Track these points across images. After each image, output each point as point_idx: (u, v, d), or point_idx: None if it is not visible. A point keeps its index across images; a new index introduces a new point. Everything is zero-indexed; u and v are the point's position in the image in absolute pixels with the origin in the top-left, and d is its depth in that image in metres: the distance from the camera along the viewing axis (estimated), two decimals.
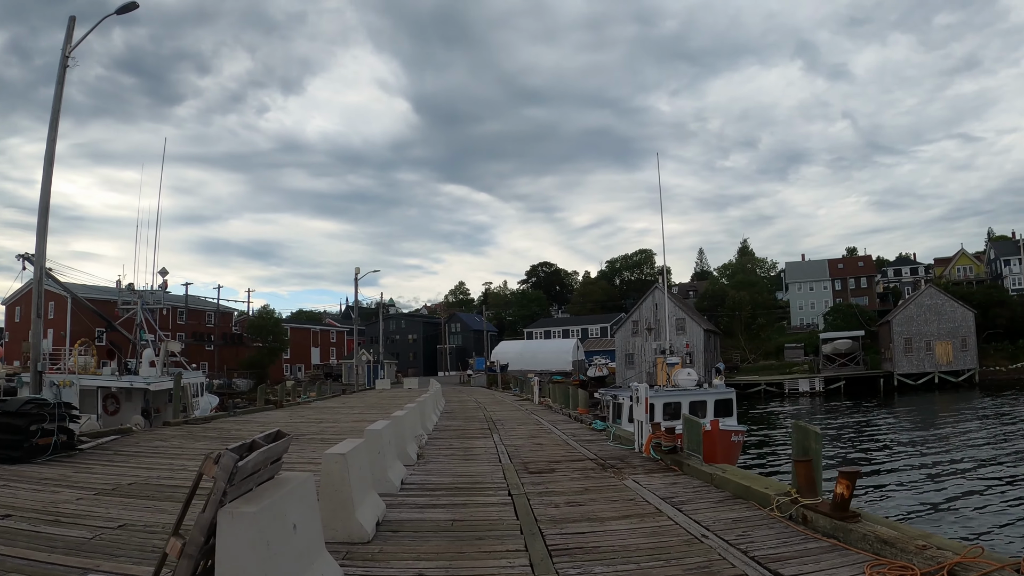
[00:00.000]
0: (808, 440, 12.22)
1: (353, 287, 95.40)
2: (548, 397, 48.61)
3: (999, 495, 28.70)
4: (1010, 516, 25.12)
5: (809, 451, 12.08)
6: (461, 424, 32.95)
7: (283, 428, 8.49)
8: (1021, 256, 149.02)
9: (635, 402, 20.46)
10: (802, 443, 12.34)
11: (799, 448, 12.39)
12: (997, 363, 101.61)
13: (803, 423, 12.65)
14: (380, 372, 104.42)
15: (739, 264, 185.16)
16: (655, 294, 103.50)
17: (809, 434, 12.24)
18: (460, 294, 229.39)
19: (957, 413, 63.40)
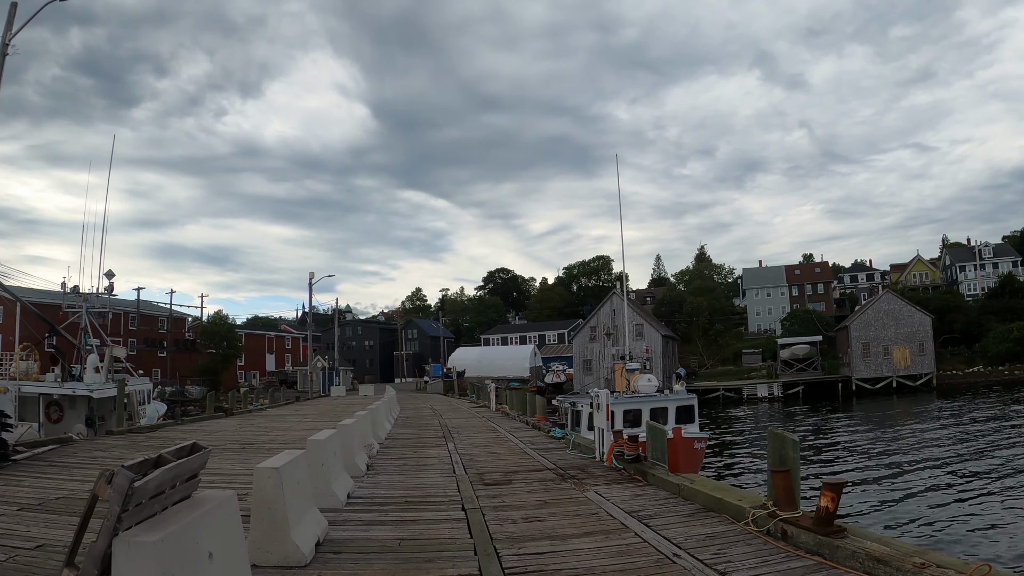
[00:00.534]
0: (785, 449, 11.33)
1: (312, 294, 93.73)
2: (505, 404, 47.68)
3: (969, 500, 28.10)
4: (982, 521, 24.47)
5: (787, 460, 11.19)
6: (415, 432, 31.85)
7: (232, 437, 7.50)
8: (976, 262, 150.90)
9: (596, 409, 19.57)
10: (779, 452, 11.44)
11: (775, 457, 11.48)
12: (953, 367, 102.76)
13: (779, 430, 11.74)
14: (335, 379, 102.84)
15: (696, 270, 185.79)
16: (613, 300, 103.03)
17: (786, 442, 11.35)
18: (417, 300, 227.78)
19: (917, 417, 63.61)
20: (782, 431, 11.68)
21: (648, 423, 18.00)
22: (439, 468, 19.14)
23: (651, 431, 17.05)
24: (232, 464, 19.76)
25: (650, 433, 17.05)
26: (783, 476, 10.69)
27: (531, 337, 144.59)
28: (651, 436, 16.92)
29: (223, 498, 6.95)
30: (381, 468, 19.00)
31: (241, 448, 25.03)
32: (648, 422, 18.20)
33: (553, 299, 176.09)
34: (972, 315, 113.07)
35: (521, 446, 24.44)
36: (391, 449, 24.18)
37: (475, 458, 21.36)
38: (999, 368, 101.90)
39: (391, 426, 33.81)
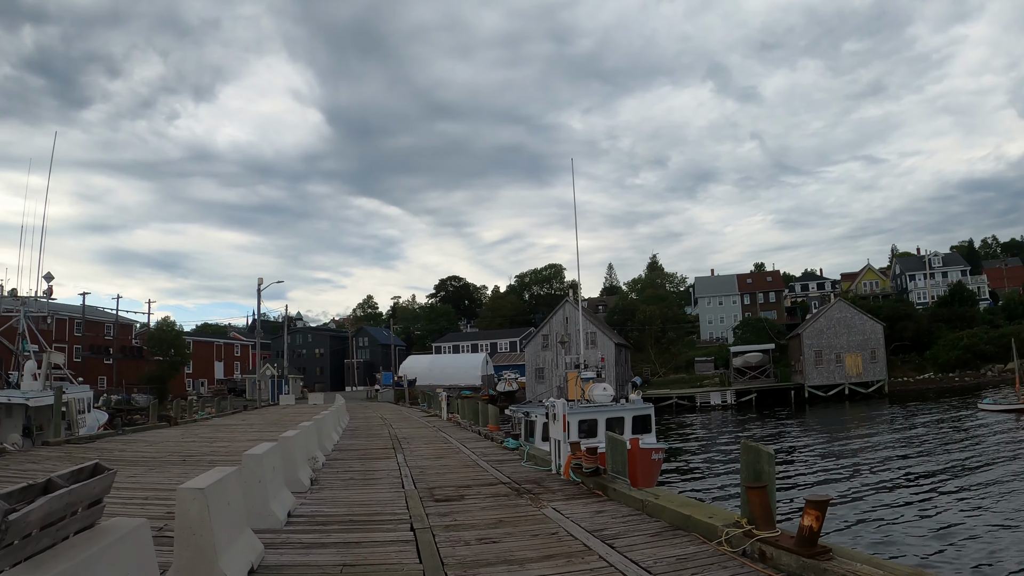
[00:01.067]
0: (760, 462, 10.51)
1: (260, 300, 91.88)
2: (457, 413, 46.71)
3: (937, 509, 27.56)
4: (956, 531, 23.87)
5: (762, 475, 10.38)
6: (364, 443, 30.79)
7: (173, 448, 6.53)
8: (926, 271, 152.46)
9: (552, 420, 18.73)
10: (753, 465, 10.61)
11: (750, 472, 10.64)
12: (905, 374, 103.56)
13: (753, 443, 10.90)
14: (284, 387, 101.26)
15: (649, 279, 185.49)
16: (566, 307, 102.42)
17: (761, 455, 10.53)
18: (368, 308, 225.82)
19: (870, 423, 63.51)
20: (756, 443, 10.86)
21: (607, 434, 17.04)
22: (387, 482, 18.15)
23: (611, 443, 16.19)
24: (170, 478, 18.55)
25: (610, 445, 16.18)
26: (759, 492, 9.88)
27: (483, 345, 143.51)
28: (611, 448, 16.08)
29: (131, 527, 6.02)
30: (326, 483, 17.98)
31: (182, 460, 23.94)
32: (607, 433, 17.28)
33: (505, 307, 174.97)
34: (922, 323, 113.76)
35: (473, 458, 23.52)
36: (338, 462, 23.12)
37: (425, 471, 20.39)
38: (949, 375, 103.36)
39: (339, 437, 32.73)
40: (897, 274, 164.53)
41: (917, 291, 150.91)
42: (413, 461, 22.92)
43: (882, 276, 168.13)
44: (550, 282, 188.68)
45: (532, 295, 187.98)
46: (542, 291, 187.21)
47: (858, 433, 56.78)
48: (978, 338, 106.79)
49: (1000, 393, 75.10)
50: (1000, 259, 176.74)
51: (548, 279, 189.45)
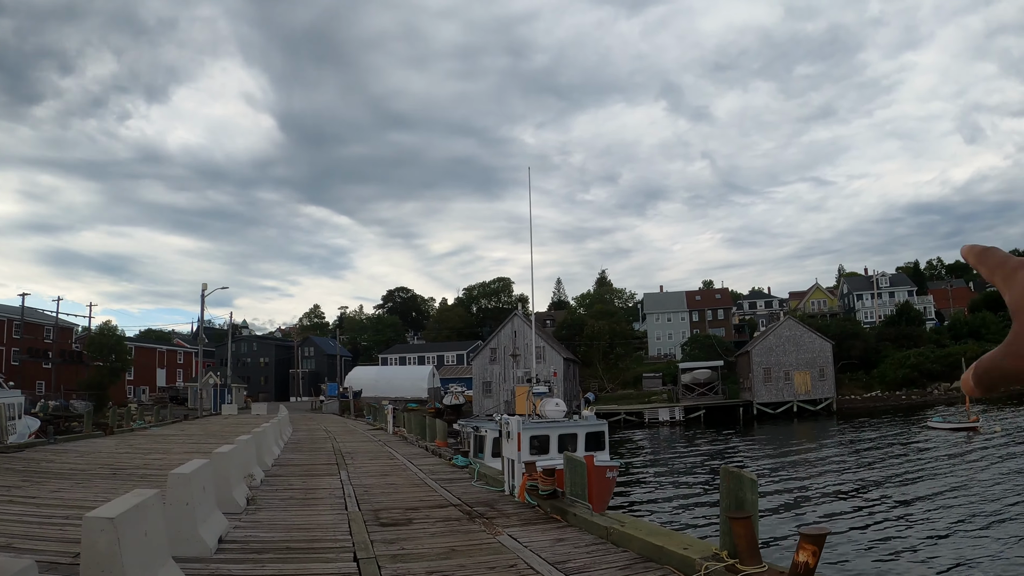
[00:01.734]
0: (743, 490, 9.57)
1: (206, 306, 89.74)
2: (403, 427, 45.54)
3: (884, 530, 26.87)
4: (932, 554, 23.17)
5: (745, 504, 9.44)
6: (306, 457, 29.50)
7: (104, 460, 5.69)
8: (874, 291, 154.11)
9: (505, 437, 17.65)
10: (735, 493, 9.65)
11: (732, 500, 9.67)
12: (852, 392, 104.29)
13: (735, 469, 9.95)
14: (227, 396, 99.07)
15: (597, 294, 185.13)
16: (515, 321, 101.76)
17: (744, 482, 9.59)
18: (315, 317, 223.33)
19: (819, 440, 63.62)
20: (739, 470, 9.91)
21: (566, 456, 15.92)
22: (329, 503, 16.93)
23: (569, 464, 15.17)
24: (96, 495, 17.20)
25: (568, 465, 15.16)
26: (744, 523, 8.92)
27: (430, 358, 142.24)
28: (569, 469, 15.06)
29: (17, 570, 4.93)
30: (264, 502, 16.71)
31: (112, 474, 22.61)
32: (566, 454, 16.15)
33: (453, 320, 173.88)
34: (870, 342, 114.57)
35: (421, 476, 22.37)
36: (278, 478, 21.84)
37: (370, 490, 19.20)
38: (896, 393, 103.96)
39: (280, 450, 31.40)
40: (845, 293, 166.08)
41: (864, 310, 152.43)
42: (357, 479, 21.71)
43: (830, 295, 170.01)
44: (498, 295, 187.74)
45: (480, 308, 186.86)
46: (490, 304, 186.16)
47: (810, 452, 56.36)
48: (925, 357, 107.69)
49: (949, 411, 75.68)
50: (945, 280, 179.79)
51: (496, 292, 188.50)
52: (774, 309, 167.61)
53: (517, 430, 16.96)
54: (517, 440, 16.90)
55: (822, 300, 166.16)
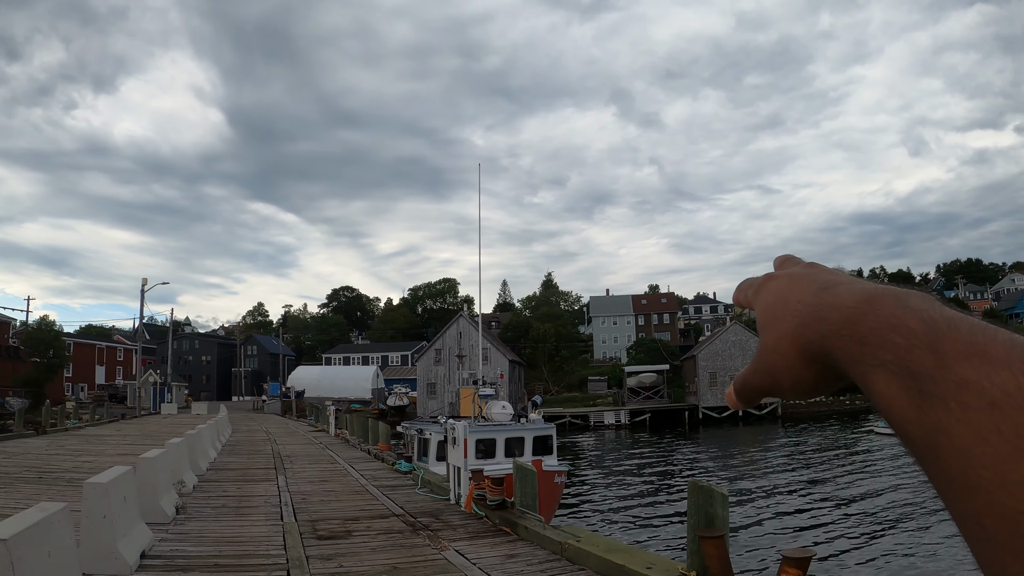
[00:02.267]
0: (713, 505, 8.86)
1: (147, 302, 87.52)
2: (346, 429, 44.51)
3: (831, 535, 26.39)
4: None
5: (716, 520, 8.72)
6: (244, 461, 28.40)
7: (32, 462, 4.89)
8: None
9: (451, 443, 16.82)
10: (704, 509, 8.93)
11: (701, 516, 8.94)
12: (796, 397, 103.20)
13: (703, 482, 9.23)
14: (168, 395, 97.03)
15: (543, 296, 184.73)
16: (460, 322, 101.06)
17: (714, 497, 8.88)
18: (259, 315, 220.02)
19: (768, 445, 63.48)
20: (708, 483, 9.19)
21: (516, 463, 15.06)
22: (264, 512, 15.94)
23: (520, 473, 14.38)
24: (18, 501, 16.07)
25: (519, 474, 14.37)
26: (716, 543, 8.24)
27: (374, 358, 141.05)
28: (520, 478, 14.27)
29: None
30: (195, 511, 15.71)
31: (37, 477, 21.45)
32: (516, 462, 15.28)
33: (397, 320, 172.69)
34: None
35: (363, 482, 21.48)
36: (212, 484, 20.75)
37: (308, 498, 18.27)
38: (840, 398, 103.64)
39: (217, 453, 30.24)
40: None
41: None
42: (296, 485, 20.73)
43: None
44: (444, 296, 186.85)
45: (425, 309, 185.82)
46: (435, 305, 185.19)
47: (761, 458, 55.90)
48: None
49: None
50: None
51: (442, 293, 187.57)
52: (719, 314, 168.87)
53: (463, 435, 16.16)
54: (463, 446, 16.09)
55: None
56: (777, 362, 0.82)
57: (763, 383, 0.86)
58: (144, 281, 79.54)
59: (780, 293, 0.85)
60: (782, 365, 0.81)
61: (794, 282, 0.84)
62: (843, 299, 0.74)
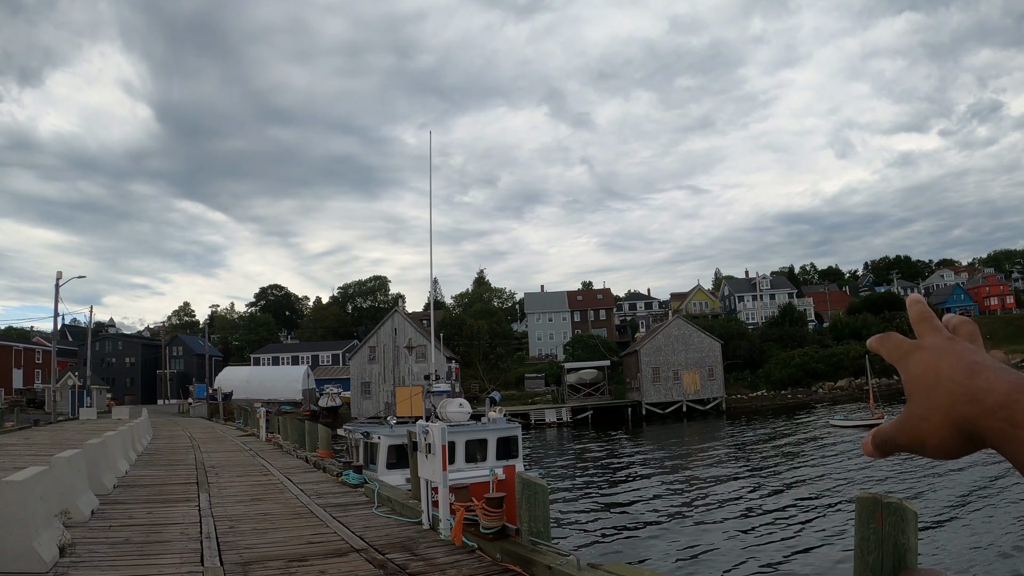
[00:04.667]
0: (906, 532, 5.40)
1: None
2: (278, 433, 40.50)
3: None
4: None
5: (908, 555, 5.34)
6: (161, 474, 24.21)
7: None
8: (757, 293, 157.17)
9: (423, 451, 13.00)
10: (893, 539, 5.51)
11: (888, 551, 5.48)
12: (738, 392, 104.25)
13: (886, 497, 5.71)
14: (87, 399, 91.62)
15: (476, 293, 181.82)
16: (395, 318, 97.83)
17: (906, 519, 5.38)
18: (185, 315, 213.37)
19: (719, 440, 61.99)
20: (894, 498, 5.75)
21: (521, 476, 11.22)
22: (180, 548, 11.93)
23: (526, 488, 10.63)
24: None
25: (525, 490, 10.62)
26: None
27: (304, 358, 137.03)
28: (528, 496, 10.57)
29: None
30: (87, 551, 11.67)
31: None
32: (521, 475, 11.36)
33: (328, 319, 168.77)
34: (754, 342, 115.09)
35: (305, 500, 17.48)
36: (117, 507, 16.55)
37: (238, 525, 14.27)
38: (782, 392, 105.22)
39: (130, 465, 26.02)
40: (726, 295, 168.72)
41: (746, 312, 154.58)
42: (222, 506, 16.69)
43: (711, 297, 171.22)
44: (375, 294, 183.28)
45: (356, 307, 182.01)
46: (366, 304, 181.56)
47: (713, 454, 53.66)
48: (810, 357, 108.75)
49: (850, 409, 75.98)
50: (822, 284, 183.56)
51: (373, 291, 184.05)
52: (655, 311, 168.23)
53: (441, 441, 12.35)
54: (442, 455, 12.30)
55: (703, 302, 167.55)
56: (926, 429, 0.92)
57: (909, 444, 0.96)
58: (59, 275, 74.10)
59: (930, 366, 0.94)
60: (931, 432, 0.91)
61: (943, 359, 0.93)
62: (994, 384, 0.82)
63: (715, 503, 33.30)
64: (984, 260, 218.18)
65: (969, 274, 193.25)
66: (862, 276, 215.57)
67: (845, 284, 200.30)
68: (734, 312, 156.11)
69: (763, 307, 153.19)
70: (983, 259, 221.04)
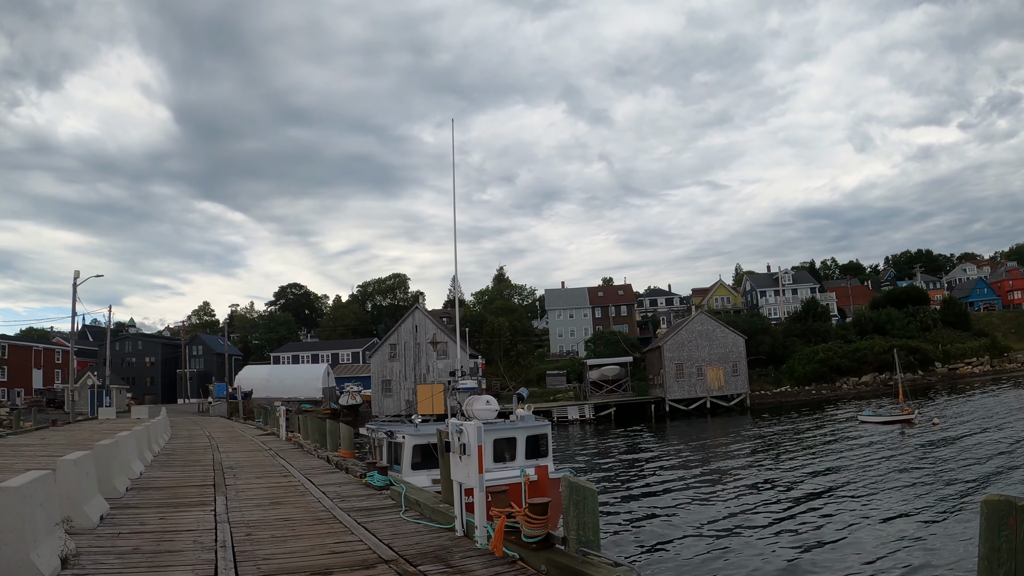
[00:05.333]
0: None
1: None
2: (299, 432, 39.56)
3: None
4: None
5: None
6: (177, 476, 23.25)
7: None
8: (779, 288, 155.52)
9: (458, 452, 11.94)
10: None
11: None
12: (762, 388, 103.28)
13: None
14: (106, 399, 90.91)
15: (496, 290, 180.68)
16: (415, 315, 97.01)
17: None
18: (205, 315, 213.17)
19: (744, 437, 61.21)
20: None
21: (568, 480, 10.11)
22: (191, 559, 10.86)
23: (573, 491, 9.57)
24: None
25: (573, 495, 9.54)
26: None
27: (324, 356, 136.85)
28: (576, 501, 9.51)
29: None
30: (92, 560, 10.67)
31: None
32: (568, 478, 10.22)
33: (347, 317, 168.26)
34: (778, 337, 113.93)
35: (327, 504, 16.47)
36: (128, 512, 15.56)
37: (256, 532, 13.26)
38: (806, 388, 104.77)
39: (145, 466, 25.07)
40: (748, 290, 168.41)
41: (768, 307, 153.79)
42: (239, 511, 15.71)
43: (733, 292, 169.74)
44: (394, 292, 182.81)
45: (376, 305, 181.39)
46: (385, 302, 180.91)
47: (743, 451, 52.58)
48: (834, 352, 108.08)
49: (879, 404, 74.39)
50: (844, 279, 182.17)
51: (392, 289, 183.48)
52: (675, 307, 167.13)
53: (478, 441, 11.32)
54: (478, 457, 11.27)
55: (725, 297, 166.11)
56: None
57: None
58: (76, 274, 73.30)
59: None
60: None
61: None
62: None
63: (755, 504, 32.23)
64: (1006, 254, 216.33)
65: (992, 268, 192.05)
66: (883, 271, 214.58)
67: (867, 279, 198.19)
68: (756, 307, 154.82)
69: (785, 302, 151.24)
70: (1005, 253, 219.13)
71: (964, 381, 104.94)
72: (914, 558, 22.05)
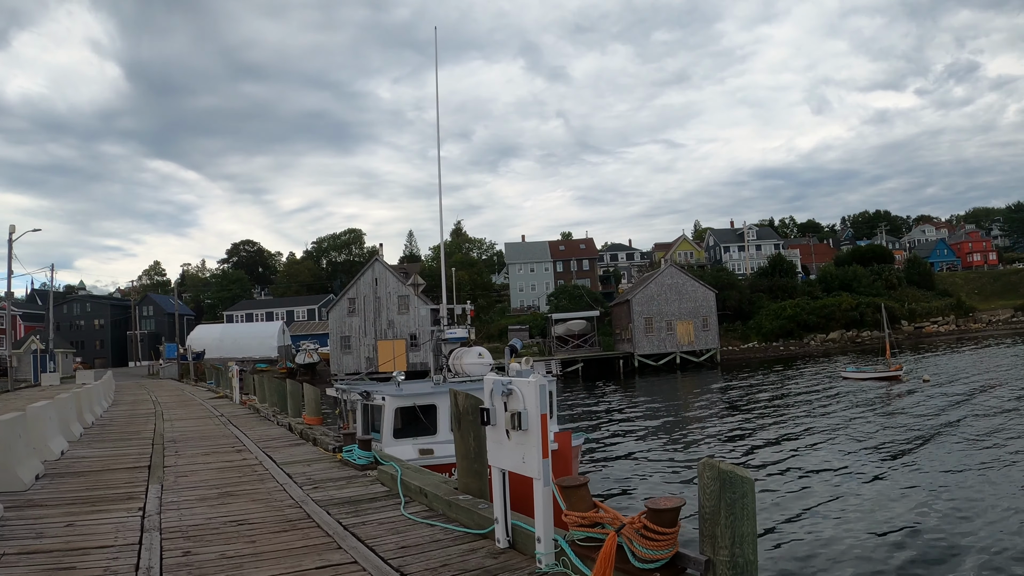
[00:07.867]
0: None
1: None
2: (254, 395, 35.46)
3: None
4: None
5: None
6: (107, 454, 18.88)
7: None
8: (744, 243, 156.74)
9: (510, 425, 7.74)
10: None
11: None
12: (730, 343, 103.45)
13: None
14: (51, 364, 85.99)
15: (454, 244, 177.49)
16: (375, 267, 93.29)
17: None
18: (156, 275, 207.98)
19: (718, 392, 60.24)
20: None
21: (717, 466, 5.73)
22: None
23: (725, 485, 5.43)
24: None
25: (722, 490, 5.49)
26: None
27: (279, 314, 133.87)
28: (725, 499, 5.47)
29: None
30: None
31: None
32: (715, 464, 6.03)
33: (302, 274, 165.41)
34: (745, 293, 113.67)
35: (298, 494, 12.17)
36: (25, 517, 11.25)
37: (196, 548, 8.84)
38: (774, 344, 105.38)
39: (70, 442, 20.72)
40: (711, 246, 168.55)
41: (732, 262, 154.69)
42: (176, 510, 11.29)
43: (696, 247, 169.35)
44: (349, 248, 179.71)
45: (331, 262, 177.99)
46: (341, 258, 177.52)
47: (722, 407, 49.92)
48: (802, 308, 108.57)
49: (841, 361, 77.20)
50: (804, 237, 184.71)
51: (347, 244, 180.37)
52: (637, 261, 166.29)
53: (541, 409, 7.26)
54: (541, 431, 7.22)
55: (689, 252, 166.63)
56: None
57: None
58: (12, 228, 68.56)
59: None
60: None
61: None
62: None
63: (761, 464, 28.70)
64: (963, 216, 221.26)
65: (949, 230, 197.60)
66: (841, 231, 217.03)
67: (826, 238, 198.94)
68: (720, 263, 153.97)
69: (750, 258, 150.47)
70: (962, 215, 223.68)
71: (929, 340, 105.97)
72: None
